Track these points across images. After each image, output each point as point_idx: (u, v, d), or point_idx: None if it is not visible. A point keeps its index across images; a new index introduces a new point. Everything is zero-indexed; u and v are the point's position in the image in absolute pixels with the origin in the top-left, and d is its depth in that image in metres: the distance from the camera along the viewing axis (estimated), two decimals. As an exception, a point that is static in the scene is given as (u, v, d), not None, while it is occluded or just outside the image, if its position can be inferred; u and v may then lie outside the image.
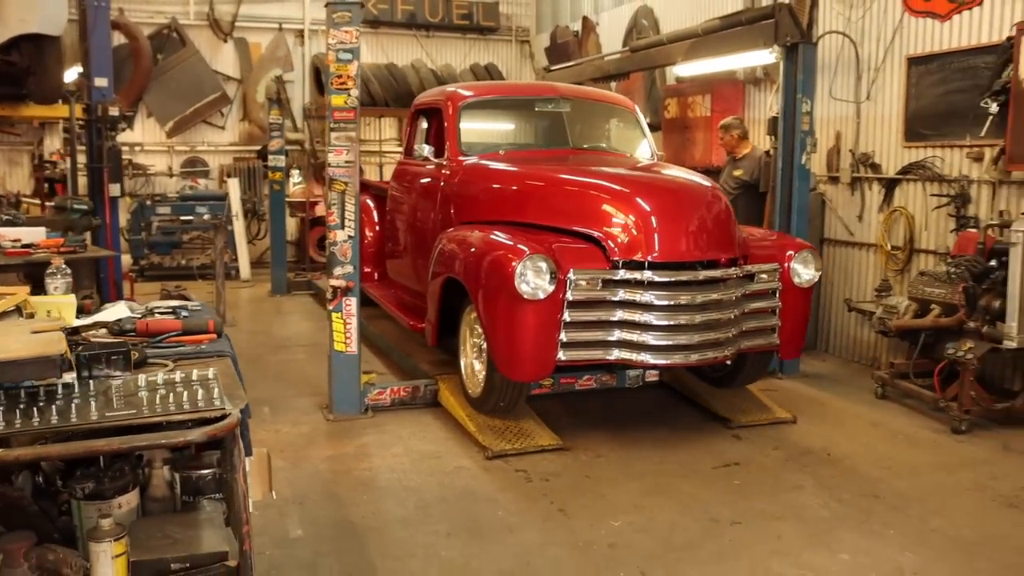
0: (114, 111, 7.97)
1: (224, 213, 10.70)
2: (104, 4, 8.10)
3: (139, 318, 3.20)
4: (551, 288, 4.65)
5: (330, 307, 5.60)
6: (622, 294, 4.80)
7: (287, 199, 10.97)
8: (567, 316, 4.74)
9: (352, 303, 5.58)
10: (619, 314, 4.81)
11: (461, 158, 6.28)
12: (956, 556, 3.83)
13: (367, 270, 7.78)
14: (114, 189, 8.06)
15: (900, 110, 6.86)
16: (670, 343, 4.82)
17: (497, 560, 3.74)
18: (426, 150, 6.52)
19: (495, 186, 5.95)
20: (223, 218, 10.22)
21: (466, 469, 4.80)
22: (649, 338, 4.80)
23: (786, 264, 5.30)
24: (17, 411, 2.18)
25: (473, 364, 5.48)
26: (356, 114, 5.46)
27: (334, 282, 5.55)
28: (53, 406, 2.22)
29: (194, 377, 2.48)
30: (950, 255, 6.08)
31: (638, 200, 5.04)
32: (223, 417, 2.30)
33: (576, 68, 9.93)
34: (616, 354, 4.83)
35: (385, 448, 5.13)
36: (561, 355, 4.76)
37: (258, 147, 12.30)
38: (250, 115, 12.50)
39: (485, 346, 5.08)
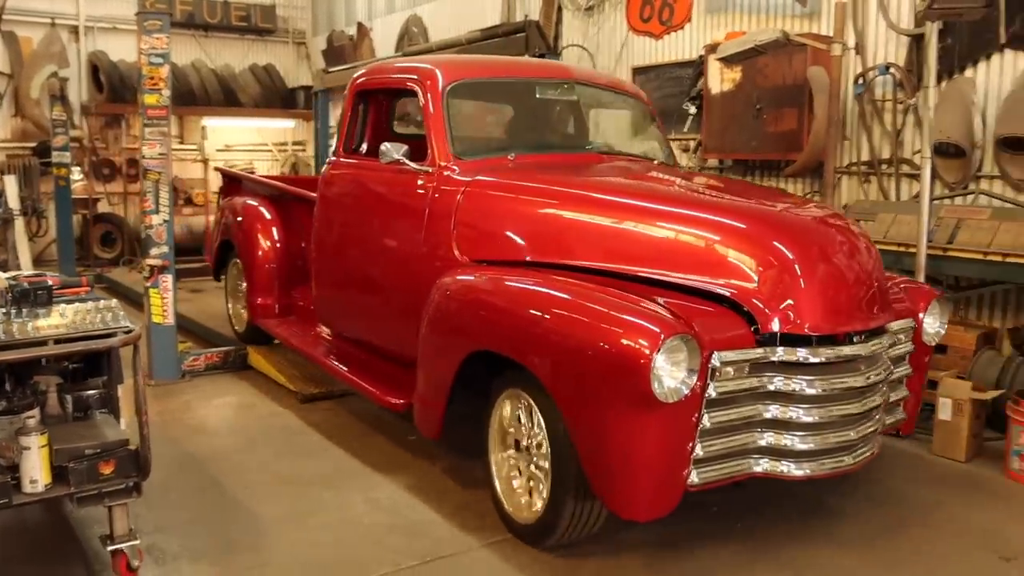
0: None
1: (3, 209, 10.72)
2: None
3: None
4: (692, 382, 3.13)
5: (148, 284, 6.26)
6: (778, 382, 3.38)
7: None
8: (706, 421, 3.25)
9: (168, 280, 6.27)
10: (772, 410, 3.41)
11: (455, 167, 4.44)
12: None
13: (260, 300, 6.54)
14: None
15: (628, 111, 8.38)
16: (831, 444, 3.50)
17: (320, 468, 4.69)
18: (396, 150, 4.47)
19: (540, 212, 4.09)
20: (13, 213, 10.29)
21: (283, 412, 5.69)
22: (803, 441, 3.44)
23: (920, 316, 4.10)
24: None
25: (511, 477, 3.88)
26: (168, 112, 6.17)
27: (151, 261, 6.21)
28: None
29: (101, 306, 3.29)
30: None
31: (794, 246, 3.53)
32: (130, 331, 3.17)
33: (353, 71, 10.83)
34: (763, 466, 3.44)
35: (207, 402, 5.92)
36: (694, 477, 3.27)
37: (34, 144, 12.28)
38: (24, 111, 12.43)
39: (545, 454, 3.57)
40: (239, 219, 6.93)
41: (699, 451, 3.26)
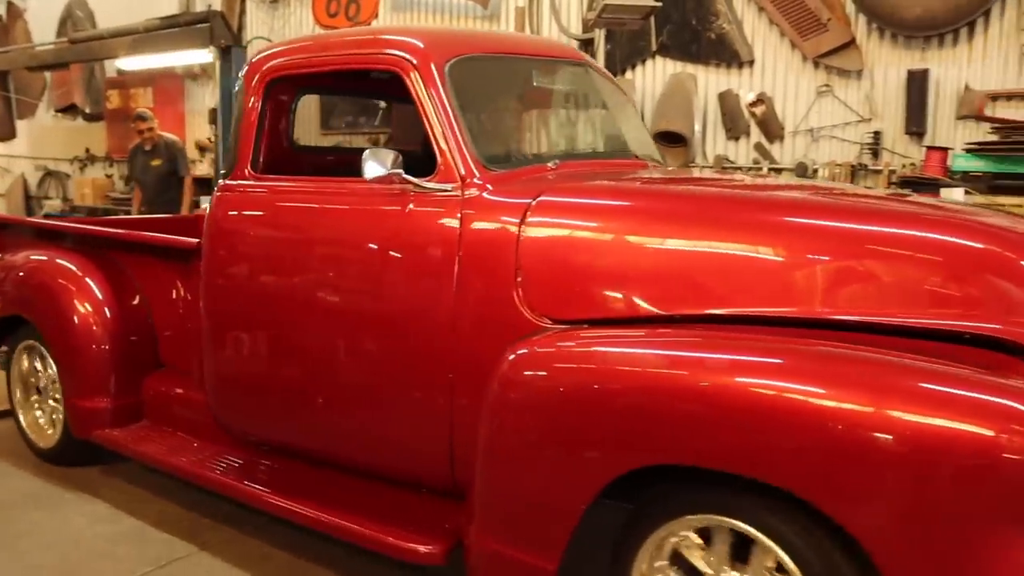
0: None
1: None
2: None
3: None
4: None
5: None
6: None
7: None
8: None
9: None
10: None
11: (487, 183, 2.93)
12: None
13: (89, 403, 4.18)
14: None
15: (316, 104, 8.44)
16: None
17: (20, 488, 4.16)
18: (384, 159, 2.93)
19: (677, 245, 2.65)
20: None
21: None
22: None
23: None
24: None
25: None
26: None
27: None
28: None
29: None
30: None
31: None
32: None
33: (7, 56, 9.88)
34: None
35: None
36: None
37: None
38: None
39: None
40: (38, 283, 4.55)
41: None
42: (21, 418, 4.70)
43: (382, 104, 7.54)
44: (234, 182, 3.57)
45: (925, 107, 5.60)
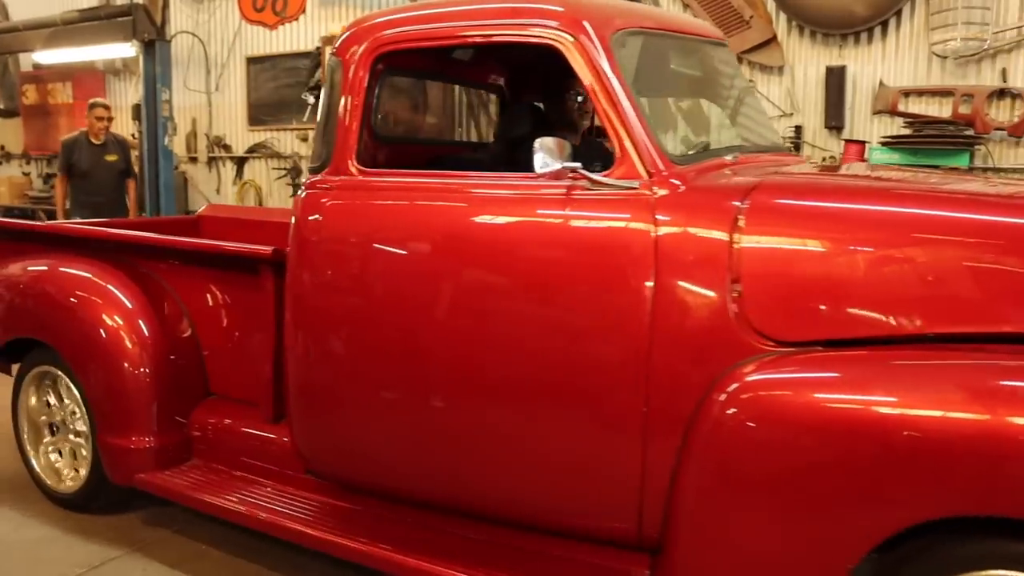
0: None
1: None
2: None
3: None
4: None
5: None
6: None
7: None
8: None
9: None
10: None
11: (675, 180, 2.45)
12: None
13: (130, 442, 3.43)
14: None
15: (244, 100, 8.37)
16: None
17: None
18: (555, 151, 2.47)
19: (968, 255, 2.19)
20: None
21: None
22: None
23: None
24: None
25: None
26: None
27: None
28: None
29: None
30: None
31: None
32: None
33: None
34: None
35: None
36: None
37: None
38: None
39: None
40: (59, 299, 3.71)
41: None
42: (33, 460, 3.97)
43: (311, 101, 7.49)
44: (334, 178, 2.89)
45: (843, 102, 5.81)
